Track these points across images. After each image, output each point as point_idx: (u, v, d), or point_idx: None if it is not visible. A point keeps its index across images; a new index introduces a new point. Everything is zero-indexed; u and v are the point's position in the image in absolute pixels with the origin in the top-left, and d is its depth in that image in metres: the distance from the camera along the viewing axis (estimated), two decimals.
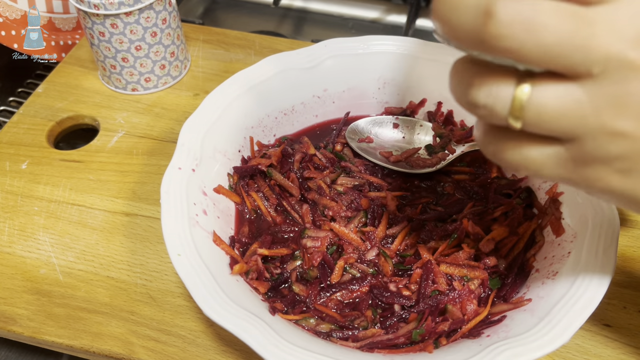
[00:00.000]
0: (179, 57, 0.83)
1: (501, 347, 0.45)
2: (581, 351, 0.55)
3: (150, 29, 0.76)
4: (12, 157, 0.74)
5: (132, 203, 0.68)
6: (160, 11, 0.75)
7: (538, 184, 0.63)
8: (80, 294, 0.60)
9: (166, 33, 0.78)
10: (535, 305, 0.50)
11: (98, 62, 0.81)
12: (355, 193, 0.63)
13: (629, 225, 0.66)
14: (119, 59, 0.78)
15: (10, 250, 0.64)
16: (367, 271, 0.57)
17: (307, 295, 0.55)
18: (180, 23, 0.82)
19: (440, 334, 0.51)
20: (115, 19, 0.73)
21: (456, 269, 0.55)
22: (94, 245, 0.64)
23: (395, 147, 0.70)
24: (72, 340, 0.56)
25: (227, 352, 0.55)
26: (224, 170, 0.64)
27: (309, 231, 0.60)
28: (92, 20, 0.73)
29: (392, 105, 0.75)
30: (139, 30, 0.75)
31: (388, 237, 0.60)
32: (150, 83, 0.82)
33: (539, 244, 0.57)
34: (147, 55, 0.78)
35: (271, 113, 0.70)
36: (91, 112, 0.80)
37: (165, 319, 0.58)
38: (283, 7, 1.12)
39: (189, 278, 0.49)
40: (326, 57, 0.71)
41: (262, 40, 0.91)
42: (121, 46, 0.76)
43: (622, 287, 0.61)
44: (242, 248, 0.59)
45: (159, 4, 0.75)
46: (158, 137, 0.76)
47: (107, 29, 0.74)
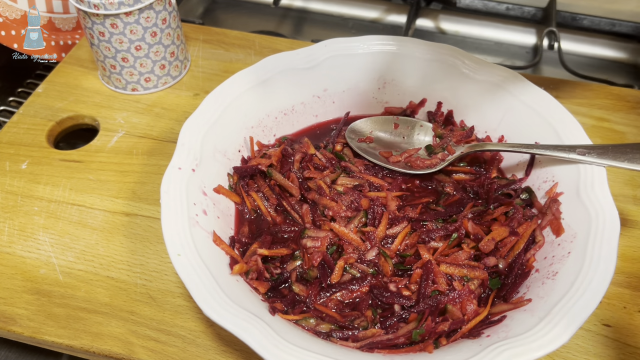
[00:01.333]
0: (179, 57, 0.83)
1: (501, 347, 0.45)
2: (581, 351, 0.55)
3: (150, 29, 0.76)
4: (12, 157, 0.74)
5: (132, 203, 0.68)
6: (160, 11, 0.75)
7: (538, 184, 0.63)
8: (80, 294, 0.60)
9: (166, 33, 0.78)
10: (535, 305, 0.50)
11: (98, 62, 0.81)
12: (355, 193, 0.63)
13: (629, 225, 0.66)
14: (118, 59, 0.78)
15: (10, 250, 0.64)
16: (367, 271, 0.57)
17: (307, 295, 0.55)
18: (180, 23, 0.82)
19: (440, 334, 0.51)
20: (115, 19, 0.73)
21: (456, 269, 0.55)
22: (94, 245, 0.64)
23: (395, 147, 0.70)
24: (72, 340, 0.56)
25: (227, 352, 0.55)
26: (224, 170, 0.64)
27: (309, 231, 0.60)
28: (92, 20, 0.73)
29: (392, 105, 0.75)
30: (139, 30, 0.75)
31: (388, 237, 0.60)
32: (150, 83, 0.82)
33: (539, 244, 0.57)
34: (147, 55, 0.78)
35: (271, 113, 0.70)
36: (91, 112, 0.80)
37: (165, 319, 0.58)
38: (283, 7, 1.12)
39: (189, 278, 0.49)
40: (326, 57, 0.71)
41: (262, 40, 0.91)
42: (121, 46, 0.76)
43: (622, 287, 0.61)
44: (242, 248, 0.59)
45: (159, 4, 0.75)
46: (158, 137, 0.76)
47: (107, 29, 0.74)
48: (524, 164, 0.65)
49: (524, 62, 1.00)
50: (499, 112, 0.68)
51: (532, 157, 0.64)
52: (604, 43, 1.04)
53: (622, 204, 0.68)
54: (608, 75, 0.99)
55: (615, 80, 0.93)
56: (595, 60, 1.03)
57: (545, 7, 1.05)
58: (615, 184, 0.70)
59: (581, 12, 1.04)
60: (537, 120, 0.64)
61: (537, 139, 0.64)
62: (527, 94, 0.66)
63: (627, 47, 1.03)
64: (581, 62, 1.02)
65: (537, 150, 0.60)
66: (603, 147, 0.58)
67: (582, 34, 1.05)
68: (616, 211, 0.53)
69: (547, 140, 0.63)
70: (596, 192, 0.55)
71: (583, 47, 1.04)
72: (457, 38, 1.08)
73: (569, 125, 0.62)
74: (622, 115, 0.80)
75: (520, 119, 0.66)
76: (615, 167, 0.56)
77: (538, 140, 0.64)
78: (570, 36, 1.04)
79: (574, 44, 1.04)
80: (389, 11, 1.11)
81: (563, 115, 0.63)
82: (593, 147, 0.58)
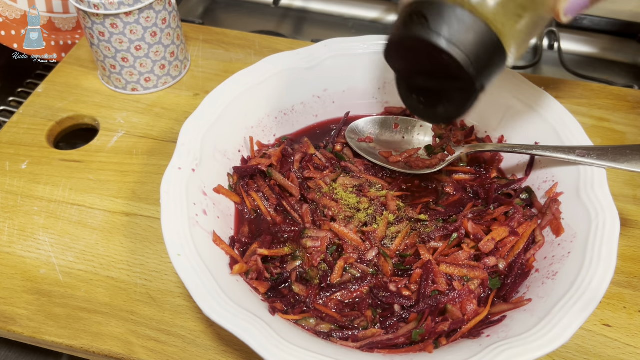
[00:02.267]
0: (179, 57, 0.83)
1: (501, 347, 0.45)
2: (581, 351, 0.55)
3: (150, 29, 0.76)
4: (12, 157, 0.74)
5: (132, 203, 0.68)
6: (160, 11, 0.75)
7: (538, 184, 0.63)
8: (80, 294, 0.60)
9: (166, 33, 0.78)
10: (535, 305, 0.50)
11: (98, 62, 0.81)
12: (355, 193, 0.63)
13: (629, 225, 0.66)
14: (118, 59, 0.78)
15: (10, 250, 0.64)
16: (367, 271, 0.57)
17: (307, 295, 0.55)
18: (180, 23, 0.82)
19: (440, 334, 0.51)
20: (115, 19, 0.73)
21: (456, 269, 0.55)
22: (94, 245, 0.64)
23: (395, 148, 0.70)
24: (72, 340, 0.56)
25: (227, 352, 0.55)
26: (224, 170, 0.64)
27: (309, 231, 0.60)
28: (92, 20, 0.73)
29: (392, 105, 0.75)
30: (139, 30, 0.75)
31: (388, 237, 0.60)
32: (150, 83, 0.82)
33: (539, 244, 0.57)
34: (147, 55, 0.78)
35: (271, 113, 0.70)
36: (91, 112, 0.80)
37: (165, 319, 0.58)
38: (283, 7, 1.12)
39: (189, 278, 0.49)
40: (326, 57, 0.71)
41: (262, 40, 0.91)
42: (121, 46, 0.76)
43: (622, 287, 0.61)
44: (242, 248, 0.59)
45: (159, 4, 0.75)
46: (158, 137, 0.76)
47: (107, 29, 0.74)
48: (524, 164, 0.65)
49: (524, 62, 1.00)
50: (499, 112, 0.68)
51: (531, 158, 0.64)
52: (604, 43, 1.04)
53: (622, 204, 0.68)
54: (608, 75, 0.99)
55: (615, 80, 0.94)
56: (595, 60, 1.03)
57: None
58: (615, 184, 0.70)
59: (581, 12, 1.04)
60: (537, 120, 0.64)
61: (537, 139, 0.64)
62: (527, 94, 0.66)
63: (627, 47, 1.03)
64: (581, 62, 1.02)
65: (536, 152, 0.60)
66: (603, 148, 0.58)
67: (582, 34, 1.05)
68: (616, 211, 0.53)
69: (547, 140, 0.63)
70: (596, 192, 0.55)
71: (583, 47, 1.04)
72: None
73: (569, 126, 0.62)
74: (622, 116, 0.80)
75: (520, 119, 0.66)
76: (614, 168, 0.56)
77: (538, 140, 0.64)
78: (570, 36, 1.04)
79: (574, 44, 1.04)
80: (389, 11, 1.11)
81: (563, 115, 0.63)
82: (593, 149, 0.58)
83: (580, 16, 1.04)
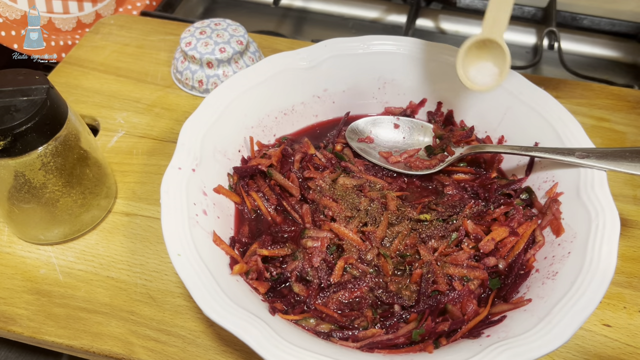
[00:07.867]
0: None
1: (501, 347, 0.45)
2: (581, 351, 0.55)
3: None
4: None
5: (132, 203, 0.68)
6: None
7: (538, 184, 0.63)
8: (80, 294, 0.60)
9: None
10: (535, 305, 0.50)
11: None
12: (355, 193, 0.63)
13: (629, 225, 0.66)
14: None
15: (10, 250, 0.64)
16: (367, 271, 0.57)
17: (307, 295, 0.55)
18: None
19: (440, 334, 0.51)
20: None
21: (456, 269, 0.55)
22: (94, 245, 0.64)
23: (395, 148, 0.70)
24: (72, 340, 0.56)
25: (227, 352, 0.55)
26: (224, 170, 0.64)
27: (309, 231, 0.60)
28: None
29: (392, 105, 0.75)
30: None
31: (388, 237, 0.60)
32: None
33: (539, 244, 0.57)
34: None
35: (271, 113, 0.70)
36: (91, 112, 0.80)
37: (165, 319, 0.58)
38: (283, 7, 1.12)
39: (189, 278, 0.49)
40: (326, 57, 0.71)
41: (262, 40, 0.91)
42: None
43: (622, 287, 0.61)
44: (242, 248, 0.59)
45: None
46: (158, 137, 0.76)
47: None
48: (524, 165, 0.65)
49: (524, 62, 1.00)
50: (499, 112, 0.68)
51: (531, 159, 0.64)
52: (604, 43, 1.04)
53: (622, 204, 0.68)
54: (608, 75, 0.99)
55: (615, 80, 0.93)
56: (595, 60, 1.03)
57: (545, 7, 1.05)
58: (615, 184, 0.70)
59: (581, 12, 1.04)
60: (537, 120, 0.64)
61: (537, 139, 0.64)
62: (527, 94, 0.66)
63: (627, 47, 1.03)
64: (581, 62, 1.02)
65: (536, 153, 0.60)
66: (602, 150, 0.58)
67: (582, 34, 1.05)
68: (616, 211, 0.53)
69: (547, 140, 0.63)
70: (596, 192, 0.55)
71: (583, 47, 1.04)
72: (457, 38, 1.08)
73: (569, 126, 0.62)
74: (622, 115, 0.80)
75: (520, 119, 0.66)
76: (614, 171, 0.56)
77: (538, 141, 0.64)
78: (570, 36, 1.04)
79: (574, 44, 1.04)
80: (389, 11, 1.11)
81: (563, 116, 0.63)
82: (592, 151, 0.58)
83: (581, 16, 1.04)
